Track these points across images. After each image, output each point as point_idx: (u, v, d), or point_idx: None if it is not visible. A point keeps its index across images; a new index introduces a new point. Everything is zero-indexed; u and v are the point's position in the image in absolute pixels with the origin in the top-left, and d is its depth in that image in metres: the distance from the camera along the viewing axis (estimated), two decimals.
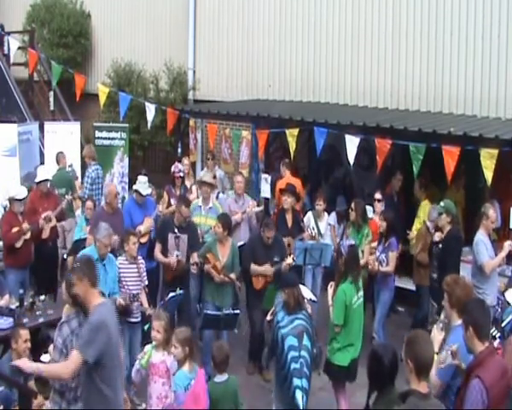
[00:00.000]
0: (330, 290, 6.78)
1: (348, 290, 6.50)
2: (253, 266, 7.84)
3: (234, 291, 7.87)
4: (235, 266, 7.81)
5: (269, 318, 6.51)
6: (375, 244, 8.89)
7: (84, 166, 11.70)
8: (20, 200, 8.55)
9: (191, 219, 8.30)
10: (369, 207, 9.16)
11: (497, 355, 4.38)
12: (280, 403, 6.35)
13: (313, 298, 7.34)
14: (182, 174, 9.92)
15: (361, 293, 6.66)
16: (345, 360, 6.51)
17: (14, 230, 8.36)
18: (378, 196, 9.12)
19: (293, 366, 5.90)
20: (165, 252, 7.85)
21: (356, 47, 11.49)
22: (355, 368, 6.53)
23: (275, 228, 7.94)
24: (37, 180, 9.31)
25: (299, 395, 5.78)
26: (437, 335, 4.80)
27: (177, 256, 7.75)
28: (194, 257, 7.74)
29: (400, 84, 10.97)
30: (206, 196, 8.80)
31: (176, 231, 7.80)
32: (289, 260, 7.81)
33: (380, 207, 9.06)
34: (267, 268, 7.79)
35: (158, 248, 7.94)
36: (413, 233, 9.36)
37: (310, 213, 9.22)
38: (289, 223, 8.72)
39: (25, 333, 6.26)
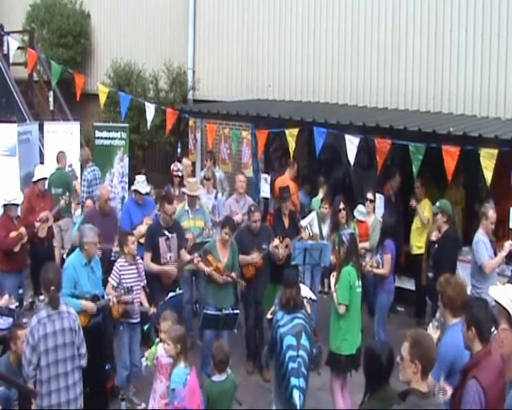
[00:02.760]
0: (332, 279, 6.81)
1: (352, 273, 6.61)
2: (241, 256, 7.88)
3: (235, 291, 7.86)
4: (235, 266, 7.79)
5: (269, 316, 6.52)
6: (365, 245, 8.88)
7: (83, 167, 11.69)
8: (17, 205, 8.54)
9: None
10: (362, 208, 9.18)
11: (494, 355, 4.37)
12: (279, 402, 6.36)
13: (313, 297, 7.35)
14: (180, 173, 9.88)
15: (360, 282, 6.73)
16: (352, 349, 6.57)
17: (13, 234, 8.34)
18: (370, 196, 9.17)
19: (290, 365, 5.92)
20: (156, 258, 7.68)
21: (355, 47, 11.49)
22: (360, 356, 6.50)
23: (260, 212, 8.09)
24: (34, 179, 9.30)
25: (296, 394, 5.80)
26: (432, 333, 4.82)
27: (170, 258, 7.70)
28: (185, 255, 7.75)
29: (400, 84, 10.98)
30: (193, 204, 8.66)
31: (165, 232, 7.70)
32: (276, 241, 7.88)
33: (372, 207, 9.12)
34: (254, 256, 7.85)
35: (148, 257, 7.65)
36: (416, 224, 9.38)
37: (314, 214, 9.21)
38: (286, 223, 8.72)
39: (23, 334, 6.26)
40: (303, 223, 8.93)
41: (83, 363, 5.56)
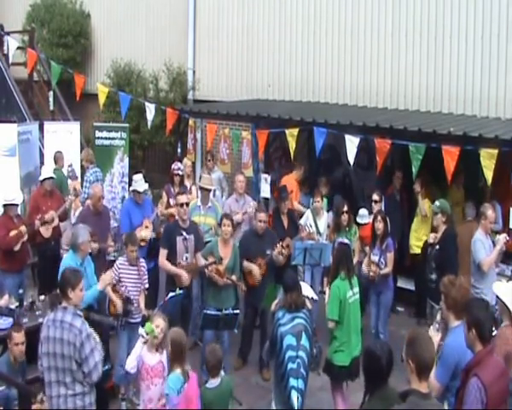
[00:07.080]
0: (327, 290, 6.80)
1: (341, 286, 6.53)
2: (245, 263, 7.88)
3: (235, 293, 7.84)
4: (236, 267, 7.77)
5: (273, 308, 6.55)
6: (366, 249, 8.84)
7: (83, 167, 11.69)
8: (17, 205, 8.54)
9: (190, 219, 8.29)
10: (364, 211, 9.14)
11: (496, 355, 4.38)
12: (278, 401, 6.36)
13: (315, 297, 7.35)
14: (181, 172, 9.89)
15: (356, 290, 6.67)
16: (345, 360, 6.50)
17: (12, 233, 8.34)
18: (376, 197, 8.98)
19: (290, 365, 5.93)
20: (172, 257, 7.58)
21: (355, 47, 11.49)
22: (356, 367, 6.46)
23: (266, 213, 8.12)
24: (41, 178, 9.35)
25: (294, 395, 5.81)
26: (434, 336, 4.80)
27: (186, 259, 7.65)
28: (199, 258, 7.68)
29: (400, 84, 10.98)
30: (205, 200, 8.78)
31: (183, 232, 7.64)
32: (278, 247, 7.88)
33: (377, 208, 9.03)
34: (256, 269, 7.83)
35: (163, 255, 7.57)
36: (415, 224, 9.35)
37: (308, 212, 9.21)
38: (285, 223, 8.72)
39: (18, 336, 6.24)
40: (300, 222, 8.95)
41: (88, 381, 5.24)
